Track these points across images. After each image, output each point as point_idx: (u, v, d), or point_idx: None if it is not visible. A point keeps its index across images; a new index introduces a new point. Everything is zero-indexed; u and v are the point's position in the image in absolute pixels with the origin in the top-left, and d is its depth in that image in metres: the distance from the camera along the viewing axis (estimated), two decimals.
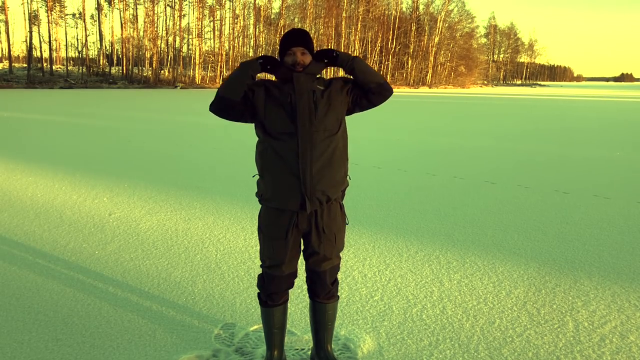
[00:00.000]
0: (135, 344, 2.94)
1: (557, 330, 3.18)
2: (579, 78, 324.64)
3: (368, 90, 2.44)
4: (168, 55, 55.73)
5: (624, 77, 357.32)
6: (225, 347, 2.91)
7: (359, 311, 3.38)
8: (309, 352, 2.85)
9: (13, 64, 49.88)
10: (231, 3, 60.27)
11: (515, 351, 2.92)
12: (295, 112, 2.30)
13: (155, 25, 54.60)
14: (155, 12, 54.45)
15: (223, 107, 2.37)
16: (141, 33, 54.79)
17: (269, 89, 2.38)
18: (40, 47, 50.63)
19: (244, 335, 3.04)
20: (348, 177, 2.53)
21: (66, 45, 54.74)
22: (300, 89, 2.33)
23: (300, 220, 2.40)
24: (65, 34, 59.36)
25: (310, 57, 2.40)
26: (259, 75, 2.43)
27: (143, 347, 2.91)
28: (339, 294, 2.69)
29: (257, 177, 2.48)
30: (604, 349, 2.97)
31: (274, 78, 2.47)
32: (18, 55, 57.94)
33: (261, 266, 2.57)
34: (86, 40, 53.47)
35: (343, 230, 2.55)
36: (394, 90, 2.56)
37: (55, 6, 51.97)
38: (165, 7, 55.99)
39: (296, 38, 2.38)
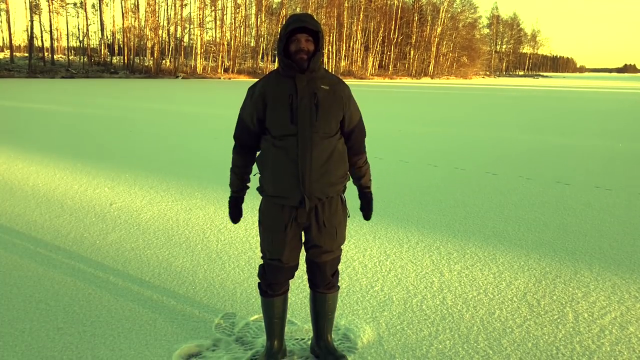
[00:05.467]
0: (136, 333, 2.96)
1: (557, 321, 3.18)
2: (582, 69, 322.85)
3: (353, 164, 2.59)
4: (169, 45, 55.55)
5: (627, 68, 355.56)
6: (225, 337, 2.92)
7: (359, 301, 3.39)
8: (309, 342, 2.86)
9: (14, 54, 49.73)
10: None
11: (515, 342, 2.93)
12: (296, 114, 2.28)
13: (157, 14, 54.40)
14: (157, 1, 54.22)
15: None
16: (142, 22, 54.62)
17: (266, 96, 2.33)
18: (42, 37, 50.43)
19: (245, 325, 3.05)
20: (347, 175, 2.52)
21: (67, 34, 54.59)
22: (302, 90, 2.29)
23: (299, 214, 2.40)
24: (67, 23, 58.85)
25: (314, 45, 2.30)
26: (261, 72, 2.38)
27: (144, 336, 2.92)
28: (339, 284, 2.69)
29: (258, 175, 2.48)
30: (603, 339, 2.97)
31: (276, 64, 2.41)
32: (19, 45, 57.74)
33: (262, 257, 2.57)
34: (87, 30, 53.32)
35: (344, 223, 2.54)
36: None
37: None
38: None
39: (300, 23, 2.25)
